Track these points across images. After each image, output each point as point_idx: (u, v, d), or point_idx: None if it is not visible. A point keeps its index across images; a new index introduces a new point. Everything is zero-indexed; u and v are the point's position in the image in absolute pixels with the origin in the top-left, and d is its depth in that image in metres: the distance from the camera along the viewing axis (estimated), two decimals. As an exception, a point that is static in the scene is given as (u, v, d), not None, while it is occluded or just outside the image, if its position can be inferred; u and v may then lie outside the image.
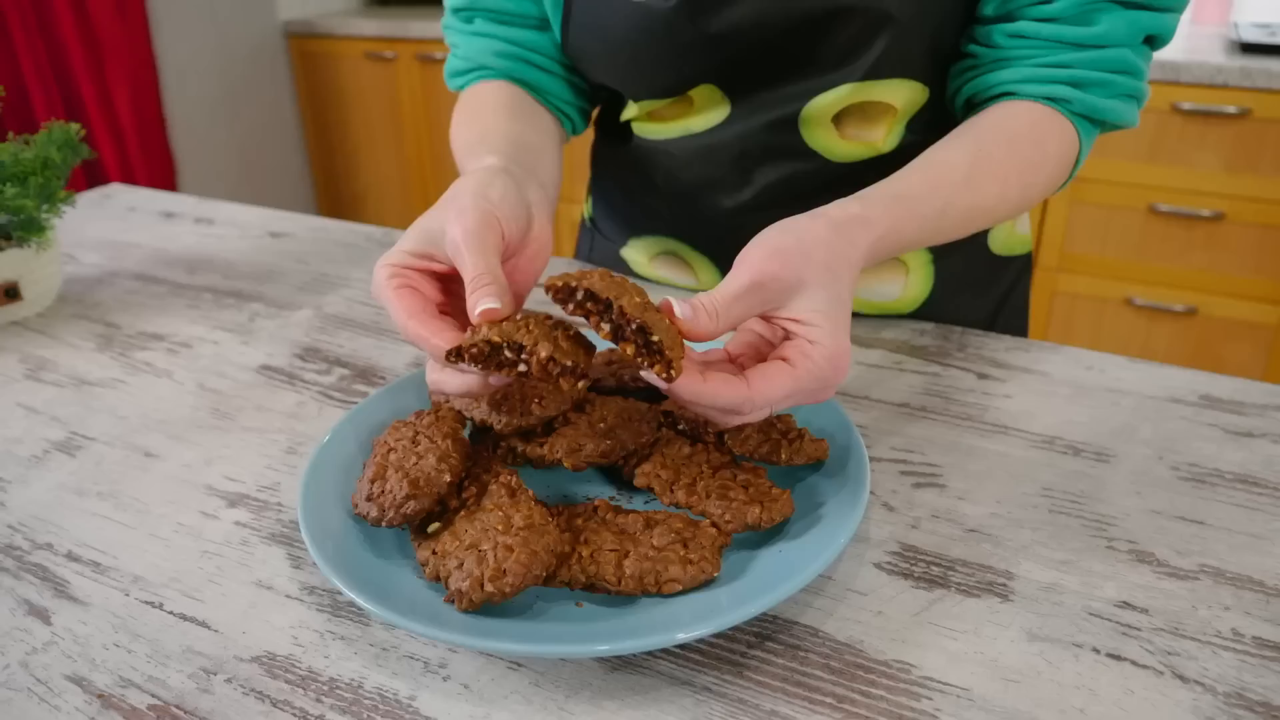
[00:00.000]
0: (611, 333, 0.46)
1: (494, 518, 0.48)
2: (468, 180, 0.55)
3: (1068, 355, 0.74)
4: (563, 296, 0.47)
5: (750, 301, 0.49)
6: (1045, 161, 0.65)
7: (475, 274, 0.49)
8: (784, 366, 0.48)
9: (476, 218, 0.51)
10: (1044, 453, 0.62)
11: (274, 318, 0.84)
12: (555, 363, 0.46)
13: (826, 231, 0.51)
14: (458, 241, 0.50)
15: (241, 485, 0.60)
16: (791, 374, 0.48)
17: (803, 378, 0.48)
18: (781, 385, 0.48)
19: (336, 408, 0.69)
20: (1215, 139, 1.91)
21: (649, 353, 0.46)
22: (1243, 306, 2.01)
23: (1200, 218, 1.98)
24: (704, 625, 0.44)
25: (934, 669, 0.45)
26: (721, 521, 0.50)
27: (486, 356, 0.47)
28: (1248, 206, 1.94)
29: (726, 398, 0.47)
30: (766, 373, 0.48)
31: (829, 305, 0.49)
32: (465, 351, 0.47)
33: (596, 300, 0.46)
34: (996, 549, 0.53)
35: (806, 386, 0.48)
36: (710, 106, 0.72)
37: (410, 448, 0.53)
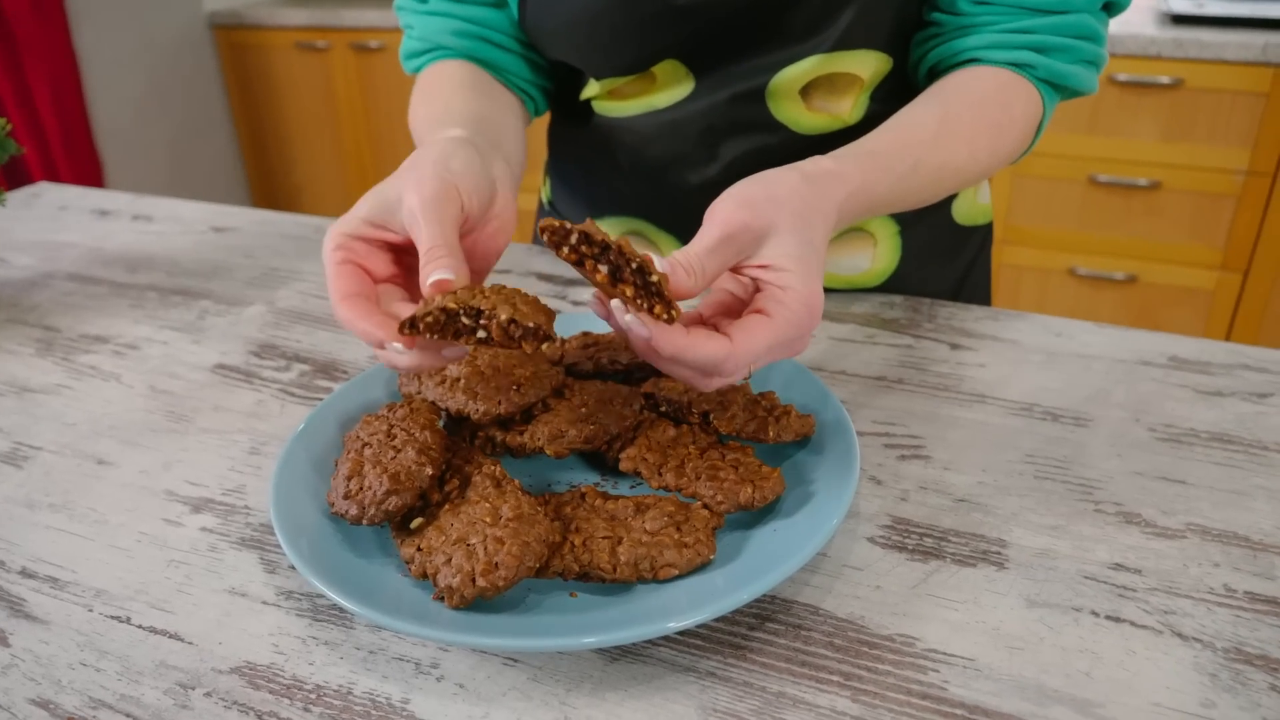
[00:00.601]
0: (609, 274, 0.44)
1: (481, 510, 0.46)
2: (430, 149, 0.52)
3: (1036, 323, 0.75)
4: (558, 238, 0.44)
5: (724, 254, 0.48)
6: (1012, 125, 0.65)
7: (430, 245, 0.47)
8: (761, 319, 0.47)
9: (435, 187, 0.49)
10: (1023, 420, 0.62)
11: (224, 315, 0.81)
12: (516, 325, 0.44)
13: (798, 182, 0.51)
14: (415, 210, 0.48)
15: (204, 489, 0.58)
16: (770, 325, 0.47)
17: (781, 327, 0.47)
18: (762, 337, 0.46)
19: (299, 405, 0.66)
20: (1150, 109, 1.95)
21: (648, 294, 0.44)
22: (1181, 272, 2.07)
23: (1138, 187, 2.02)
24: (705, 610, 0.42)
25: (937, 641, 0.45)
26: (714, 503, 0.49)
27: (443, 325, 0.44)
28: (1183, 174, 1.98)
29: (709, 352, 0.45)
30: (745, 326, 0.47)
31: (800, 249, 0.48)
32: (420, 321, 0.44)
33: (592, 243, 0.44)
34: (987, 518, 0.53)
35: (785, 336, 0.47)
36: (673, 82, 0.71)
37: (386, 442, 0.51)
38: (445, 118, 0.62)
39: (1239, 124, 1.91)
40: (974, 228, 0.83)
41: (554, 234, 0.44)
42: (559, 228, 0.44)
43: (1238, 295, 2.04)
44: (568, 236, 0.44)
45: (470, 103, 0.67)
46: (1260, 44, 1.82)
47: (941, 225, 0.80)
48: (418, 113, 0.69)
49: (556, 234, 0.44)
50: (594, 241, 0.44)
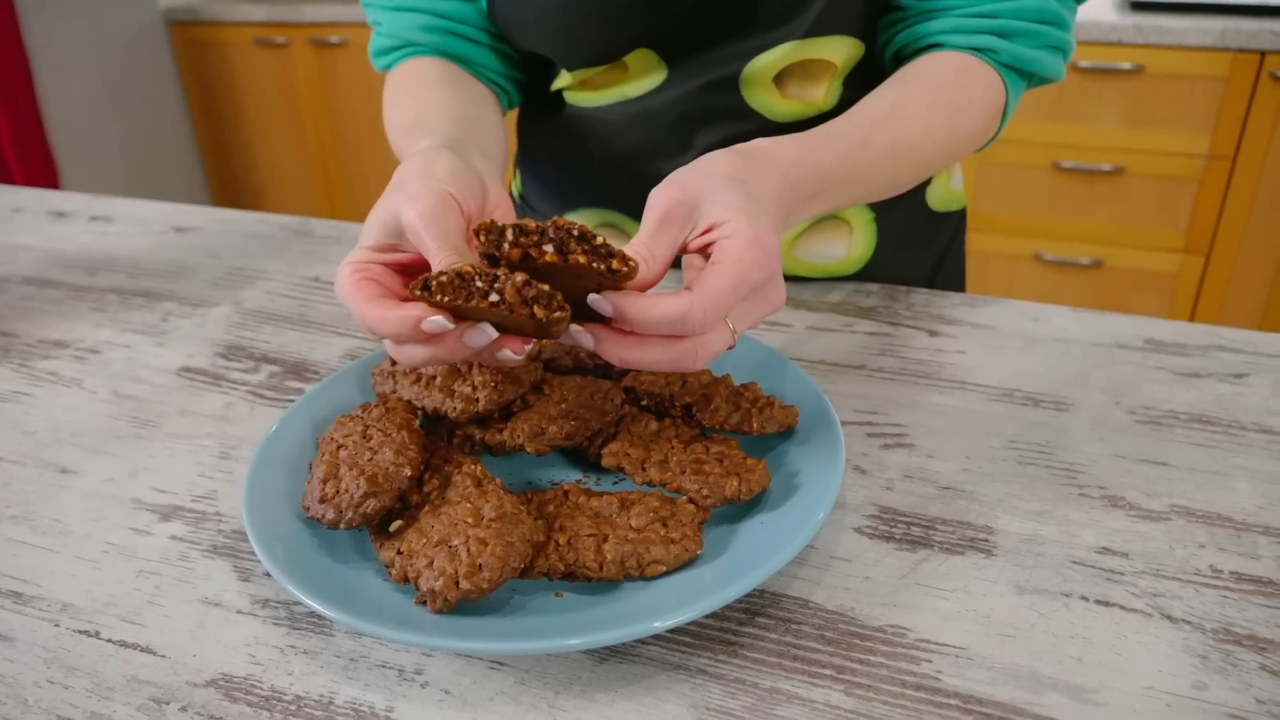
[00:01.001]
0: (556, 250, 0.42)
1: (462, 510, 0.45)
2: (409, 165, 0.51)
3: (1012, 308, 0.75)
4: (493, 238, 0.43)
5: (669, 232, 0.47)
6: (971, 108, 0.64)
7: (440, 259, 0.45)
8: (713, 266, 0.45)
9: (430, 199, 0.47)
10: (1004, 405, 0.62)
11: (189, 316, 0.79)
12: (531, 285, 0.42)
13: (729, 155, 0.50)
14: (415, 226, 0.47)
15: (173, 496, 0.56)
16: (721, 268, 0.44)
17: (734, 268, 0.44)
18: (720, 280, 0.44)
19: (270, 407, 0.65)
20: (1112, 95, 1.97)
21: (599, 256, 0.42)
22: (1145, 256, 2.09)
23: (1101, 173, 2.05)
24: (694, 607, 0.42)
25: (929, 630, 0.44)
26: (699, 497, 0.48)
27: (456, 288, 0.42)
28: (1145, 159, 2.00)
29: (673, 305, 0.43)
30: (701, 277, 0.45)
31: (739, 200, 0.47)
32: (433, 281, 0.42)
33: (528, 232, 0.43)
34: (973, 505, 0.53)
35: (744, 277, 0.45)
36: (646, 71, 0.70)
37: (362, 443, 0.50)
38: (418, 125, 0.61)
39: (1199, 109, 1.93)
40: (948, 214, 0.83)
41: (488, 234, 0.43)
42: (491, 225, 0.43)
43: (1200, 277, 2.07)
44: (503, 233, 0.43)
45: (445, 101, 0.65)
46: (1219, 29, 1.84)
47: (916, 212, 0.80)
48: (392, 115, 0.67)
49: (491, 233, 0.43)
50: (529, 230, 0.43)
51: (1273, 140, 1.91)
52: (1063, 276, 2.16)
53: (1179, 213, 2.03)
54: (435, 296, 0.42)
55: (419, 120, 0.63)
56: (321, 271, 0.86)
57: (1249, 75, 1.87)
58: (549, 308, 0.42)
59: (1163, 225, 2.06)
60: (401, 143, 0.63)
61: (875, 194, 0.63)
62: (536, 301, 0.42)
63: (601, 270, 0.42)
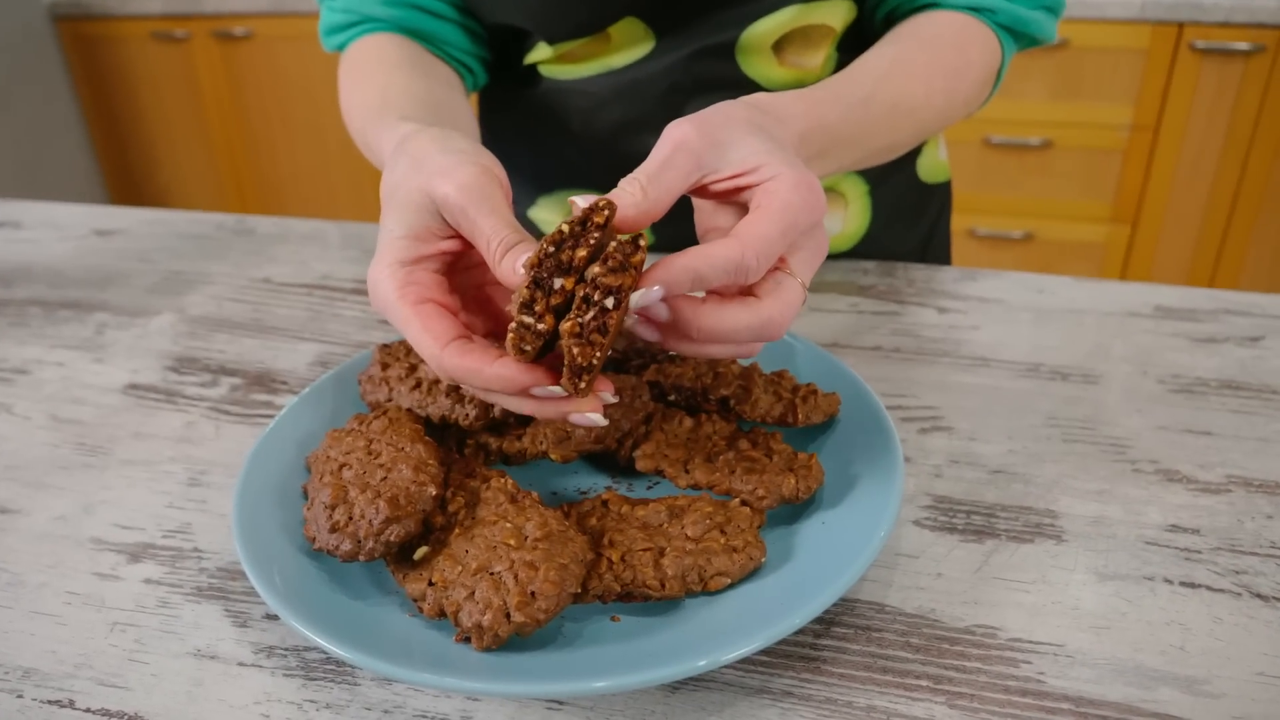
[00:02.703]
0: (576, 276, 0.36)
1: (500, 531, 0.39)
2: (418, 142, 0.44)
3: (1014, 280, 0.72)
4: (529, 335, 0.37)
5: (680, 165, 0.40)
6: (968, 68, 0.62)
7: (500, 236, 0.39)
8: (758, 211, 0.40)
9: (468, 170, 0.41)
10: (1033, 381, 0.59)
11: (127, 327, 0.70)
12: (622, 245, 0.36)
13: (741, 105, 0.45)
14: (458, 202, 0.40)
15: (141, 533, 0.49)
16: (769, 212, 0.39)
17: (782, 210, 0.39)
18: (769, 224, 0.39)
19: (237, 424, 0.58)
20: (1039, 70, 1.99)
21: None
22: (1074, 228, 2.13)
23: (1030, 147, 2.07)
24: (775, 626, 0.37)
25: (1018, 628, 0.41)
26: (754, 499, 0.44)
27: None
28: (1072, 132, 2.04)
29: (721, 255, 0.37)
30: (746, 222, 0.39)
31: (771, 145, 0.42)
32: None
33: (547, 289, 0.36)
34: (1029, 488, 0.50)
35: (797, 221, 0.40)
36: (632, 42, 0.65)
37: (369, 460, 0.44)
38: (387, 107, 0.55)
39: (1122, 81, 1.97)
40: (936, 185, 0.80)
41: (522, 333, 0.37)
42: (519, 328, 0.37)
43: (1127, 246, 2.12)
44: (532, 305, 0.37)
45: (412, 83, 0.59)
46: (1138, 2, 1.87)
47: (907, 183, 0.77)
48: (352, 99, 0.60)
49: (528, 334, 0.37)
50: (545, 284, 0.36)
51: (1193, 109, 1.96)
52: (997, 251, 2.19)
53: (1105, 183, 2.07)
54: (594, 354, 0.36)
55: (385, 103, 0.57)
56: (272, 272, 0.78)
57: (1168, 46, 1.91)
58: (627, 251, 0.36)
59: (1090, 196, 2.09)
60: (369, 128, 0.57)
61: (874, 156, 0.59)
62: (623, 258, 0.36)
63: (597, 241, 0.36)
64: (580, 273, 0.36)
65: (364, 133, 0.58)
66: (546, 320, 0.37)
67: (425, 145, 0.43)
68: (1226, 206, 2.03)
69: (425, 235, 0.42)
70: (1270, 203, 2.00)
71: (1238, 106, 1.94)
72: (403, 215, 0.42)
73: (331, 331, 0.68)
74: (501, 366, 0.38)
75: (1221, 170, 2.00)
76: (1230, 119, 1.95)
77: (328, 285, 0.75)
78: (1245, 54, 1.89)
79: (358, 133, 0.60)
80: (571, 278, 0.36)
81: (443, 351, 0.39)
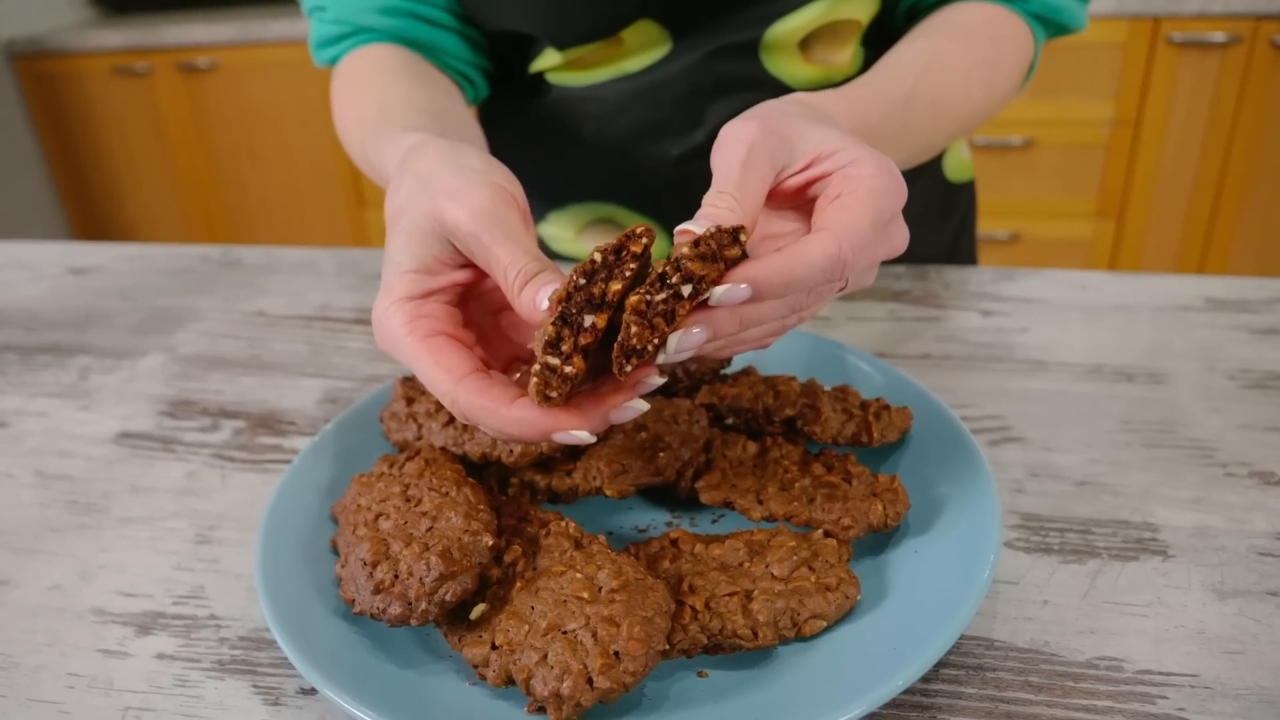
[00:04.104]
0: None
1: (570, 583, 0.35)
2: (425, 158, 0.40)
3: (1053, 279, 0.69)
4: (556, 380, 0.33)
5: (759, 170, 0.36)
6: (1004, 60, 0.58)
7: (519, 265, 0.35)
8: (843, 201, 0.36)
9: (481, 193, 0.37)
10: (1097, 384, 0.56)
11: (113, 370, 0.65)
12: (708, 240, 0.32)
13: (791, 101, 0.41)
14: (471, 229, 0.36)
15: (148, 600, 0.44)
16: (856, 200, 0.35)
17: (869, 197, 0.35)
18: (857, 213, 0.34)
19: (246, 472, 0.53)
20: (1019, 68, 1.98)
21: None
22: (1059, 225, 2.12)
23: (1013, 146, 2.06)
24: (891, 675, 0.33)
25: (1145, 658, 0.37)
26: (839, 529, 0.39)
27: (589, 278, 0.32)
28: (1054, 130, 2.03)
29: (818, 252, 0.33)
30: (834, 211, 0.35)
31: (838, 131, 0.38)
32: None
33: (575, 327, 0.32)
34: (1120, 499, 0.46)
35: (884, 207, 0.36)
36: (647, 46, 0.61)
37: (408, 508, 0.39)
38: (388, 114, 0.51)
39: (1101, 76, 1.96)
40: (962, 185, 0.77)
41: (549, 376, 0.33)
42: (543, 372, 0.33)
43: (1114, 241, 2.11)
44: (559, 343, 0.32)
45: (414, 92, 0.54)
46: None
47: (933, 182, 0.74)
48: (348, 113, 0.56)
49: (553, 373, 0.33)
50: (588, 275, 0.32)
51: (1173, 102, 1.95)
52: (985, 252, 2.17)
53: (1089, 180, 2.06)
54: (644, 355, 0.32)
55: (386, 114, 0.52)
56: (265, 304, 0.73)
57: (1145, 40, 1.91)
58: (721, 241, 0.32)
59: (1075, 193, 2.08)
60: (369, 142, 0.52)
61: (914, 156, 0.55)
62: (722, 251, 0.32)
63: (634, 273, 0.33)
64: (614, 306, 0.32)
65: (363, 147, 0.54)
66: (575, 362, 0.32)
67: (432, 162, 0.39)
68: (1211, 197, 2.03)
69: (435, 267, 0.38)
70: (1254, 192, 2.01)
71: (1217, 98, 1.94)
72: (409, 244, 0.38)
73: (337, 365, 0.64)
74: (520, 409, 0.34)
75: (1204, 162, 2.00)
76: (1210, 111, 1.95)
77: (327, 316, 0.71)
78: (1222, 45, 1.89)
79: (356, 148, 0.56)
80: (604, 314, 0.32)
81: (457, 386, 0.35)
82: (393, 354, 0.37)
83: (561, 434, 0.34)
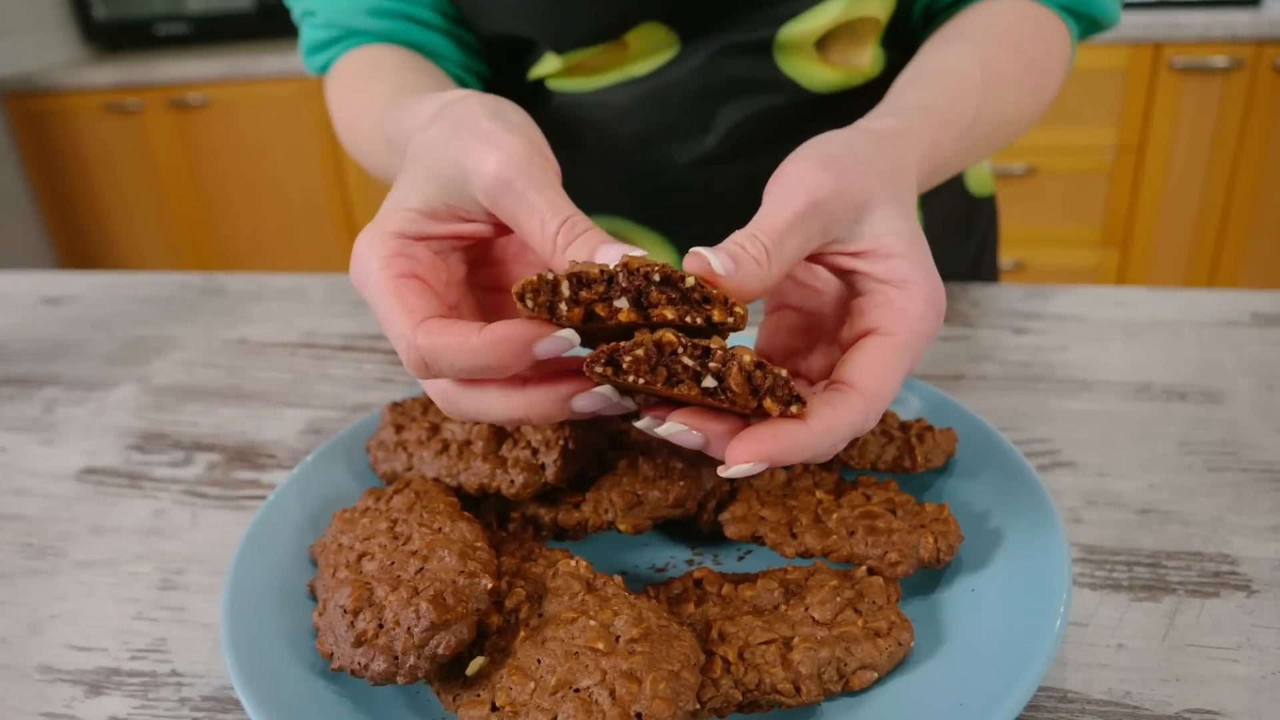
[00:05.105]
0: (632, 305, 0.29)
1: (582, 631, 0.30)
2: (465, 104, 0.36)
3: (1087, 295, 0.65)
4: (544, 299, 0.29)
5: (808, 232, 0.32)
6: (1049, 61, 0.55)
7: (563, 214, 0.31)
8: (881, 340, 0.33)
9: (519, 144, 0.33)
10: (1148, 403, 0.51)
11: (82, 403, 0.61)
12: (765, 369, 0.29)
13: (875, 141, 0.37)
14: (504, 179, 0.32)
15: (103, 655, 0.39)
16: (893, 349, 0.32)
17: (908, 347, 0.32)
18: (891, 367, 0.32)
19: (219, 510, 0.48)
20: (1019, 96, 1.96)
21: (694, 304, 0.29)
22: (1064, 254, 2.09)
23: (1014, 175, 2.03)
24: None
25: (1244, 710, 0.32)
26: (885, 565, 0.35)
27: (654, 365, 0.29)
28: (1056, 157, 2.01)
29: (848, 420, 0.30)
30: (869, 361, 0.32)
31: (908, 227, 0.34)
32: (624, 357, 0.29)
33: (589, 282, 0.29)
34: (1189, 529, 0.41)
35: (919, 352, 0.33)
36: (653, 49, 0.57)
37: (396, 547, 0.34)
38: (404, 92, 0.47)
39: (1103, 102, 1.94)
40: (983, 199, 0.73)
41: (538, 292, 0.29)
42: (539, 282, 0.29)
43: (1119, 270, 2.08)
44: (555, 289, 0.29)
45: (425, 83, 0.51)
46: (1114, 23, 1.86)
47: (956, 196, 0.70)
48: (354, 103, 0.52)
49: (541, 292, 0.29)
50: (590, 280, 0.29)
51: (1176, 127, 1.93)
52: (988, 281, 2.14)
53: (1093, 207, 2.04)
54: (626, 377, 0.28)
55: (403, 91, 0.49)
56: (248, 332, 0.69)
57: (1147, 65, 1.89)
58: (783, 398, 0.29)
59: (1078, 221, 2.06)
60: (386, 119, 0.46)
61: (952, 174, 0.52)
62: (771, 393, 0.28)
63: (696, 323, 0.29)
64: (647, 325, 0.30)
65: (380, 129, 0.48)
66: (574, 313, 0.29)
67: (474, 109, 0.35)
68: (1217, 223, 2.00)
69: (441, 212, 0.34)
70: (1260, 217, 1.98)
71: (1220, 123, 1.92)
72: (421, 184, 0.34)
73: (322, 394, 0.59)
74: (492, 330, 0.30)
75: (1209, 188, 1.98)
76: (1214, 136, 1.93)
77: (314, 343, 0.66)
78: (1224, 70, 1.87)
79: (367, 138, 0.52)
80: (635, 316, 0.29)
81: (416, 329, 0.31)
82: (361, 289, 0.33)
83: (545, 341, 0.30)
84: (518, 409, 0.31)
